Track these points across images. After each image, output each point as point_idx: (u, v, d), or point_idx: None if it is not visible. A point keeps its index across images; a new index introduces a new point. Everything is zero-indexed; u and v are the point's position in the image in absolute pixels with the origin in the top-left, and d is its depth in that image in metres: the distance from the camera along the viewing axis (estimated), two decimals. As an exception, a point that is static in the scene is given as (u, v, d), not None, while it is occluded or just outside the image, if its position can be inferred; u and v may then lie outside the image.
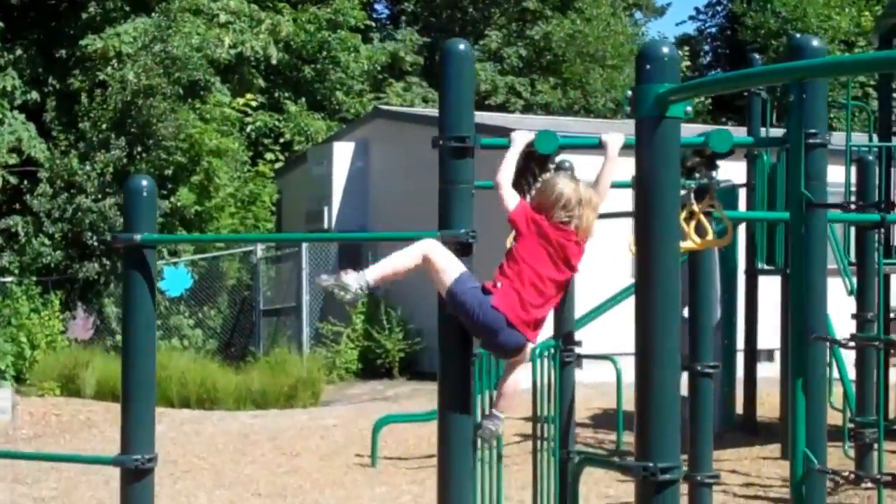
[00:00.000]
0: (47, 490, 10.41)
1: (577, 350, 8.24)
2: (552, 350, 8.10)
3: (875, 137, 13.11)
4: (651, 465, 3.92)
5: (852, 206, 8.46)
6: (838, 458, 10.15)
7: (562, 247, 5.17)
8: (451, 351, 5.14)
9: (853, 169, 10.91)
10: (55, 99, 22.75)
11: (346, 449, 12.43)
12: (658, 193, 3.97)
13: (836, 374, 10.98)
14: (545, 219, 5.18)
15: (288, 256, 21.68)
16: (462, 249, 5.06)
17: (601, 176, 5.37)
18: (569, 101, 29.93)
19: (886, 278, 9.20)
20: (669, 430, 3.96)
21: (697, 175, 5.86)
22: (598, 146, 5.39)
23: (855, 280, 10.48)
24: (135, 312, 5.27)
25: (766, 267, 12.64)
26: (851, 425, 10.58)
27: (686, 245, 6.61)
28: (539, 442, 8.06)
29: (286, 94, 28.43)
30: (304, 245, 20.36)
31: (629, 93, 4.07)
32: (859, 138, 14.67)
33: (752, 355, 13.05)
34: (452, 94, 5.13)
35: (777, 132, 12.34)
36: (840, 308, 9.92)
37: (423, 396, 17.02)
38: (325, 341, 19.64)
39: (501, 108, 30.03)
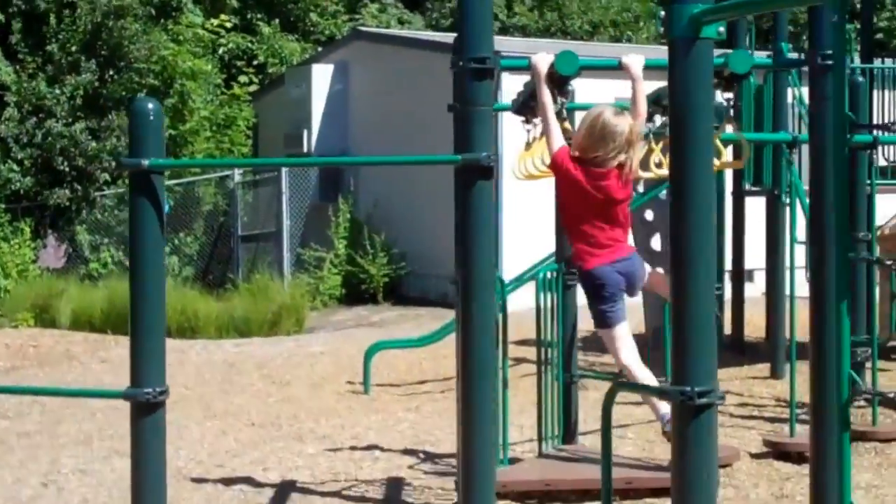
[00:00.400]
0: (31, 424, 10.24)
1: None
2: (554, 273, 7.98)
3: (857, 58, 13.01)
4: (688, 389, 3.85)
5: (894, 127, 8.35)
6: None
7: (600, 189, 5.09)
8: (470, 276, 4.97)
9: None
10: (21, 20, 22.23)
11: (336, 376, 12.29)
12: (692, 114, 3.88)
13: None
14: (583, 166, 5.10)
15: (267, 181, 21.42)
16: (482, 173, 4.86)
17: (636, 100, 5.23)
18: (545, 22, 29.59)
19: (869, 199, 9.15)
20: (706, 353, 3.89)
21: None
22: (618, 67, 5.21)
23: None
24: (143, 241, 5.09)
25: (752, 188, 12.51)
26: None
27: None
28: (542, 365, 7.96)
29: (259, 16, 27.98)
30: (284, 169, 20.11)
31: (662, 13, 3.92)
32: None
33: (740, 277, 12.98)
34: (472, 13, 4.94)
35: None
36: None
37: (410, 322, 16.91)
38: (307, 267, 19.44)
39: (477, 29, 29.63)
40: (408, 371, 12.53)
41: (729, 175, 13.04)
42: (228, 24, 26.25)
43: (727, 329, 12.96)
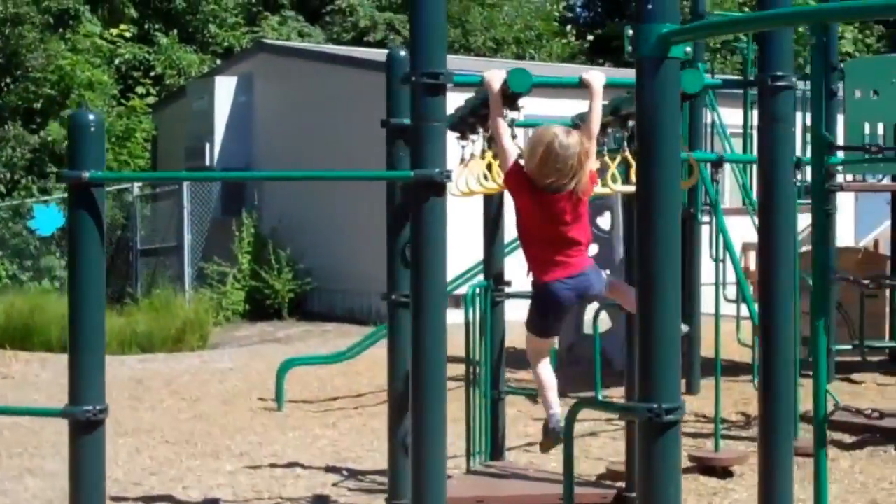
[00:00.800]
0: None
1: (507, 290, 8.13)
2: (483, 290, 7.95)
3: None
4: (655, 406, 3.82)
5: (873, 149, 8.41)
6: (751, 392, 10.16)
7: (552, 211, 5.08)
8: (422, 292, 4.92)
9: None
10: (-89, 28, 21.74)
11: (247, 393, 12.13)
12: (660, 134, 3.84)
13: (744, 312, 11.06)
14: (534, 189, 5.07)
15: (167, 194, 21.13)
16: (435, 189, 4.81)
17: (591, 118, 5.19)
18: (448, 39, 29.60)
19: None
20: (672, 370, 3.86)
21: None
22: (578, 86, 5.20)
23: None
24: (83, 256, 4.97)
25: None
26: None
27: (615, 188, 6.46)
28: (471, 382, 7.91)
29: (157, 26, 27.61)
30: (186, 183, 19.84)
31: (630, 31, 3.91)
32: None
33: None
34: (425, 28, 4.86)
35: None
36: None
37: (316, 338, 16.77)
38: (209, 282, 19.18)
39: (381, 44, 29.58)
40: (320, 388, 12.41)
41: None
42: (127, 34, 25.88)
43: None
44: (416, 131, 4.87)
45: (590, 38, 33.49)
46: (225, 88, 20.99)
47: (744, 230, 11.29)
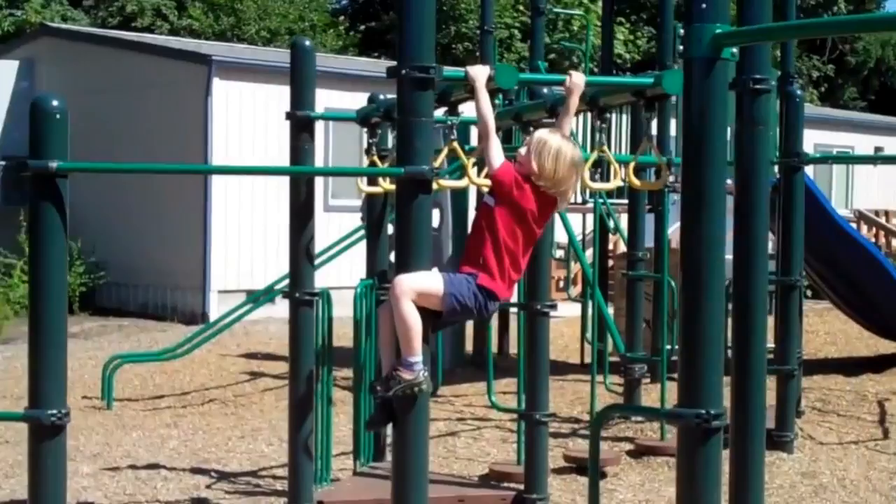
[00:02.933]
0: None
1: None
2: (368, 288, 7.85)
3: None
4: (704, 412, 3.84)
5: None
6: (599, 393, 10.35)
7: (540, 210, 4.99)
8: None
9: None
10: None
11: (69, 390, 11.59)
12: (709, 134, 3.86)
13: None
14: (532, 187, 4.95)
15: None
16: (423, 186, 4.72)
17: (564, 123, 5.16)
18: (220, 27, 29.12)
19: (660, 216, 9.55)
20: (717, 376, 3.89)
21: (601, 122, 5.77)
22: (561, 83, 5.17)
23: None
24: (45, 250, 4.70)
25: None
26: (613, 359, 10.93)
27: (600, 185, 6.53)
28: (359, 382, 7.79)
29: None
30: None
31: (682, 30, 3.93)
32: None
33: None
34: (413, 20, 4.72)
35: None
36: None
37: (114, 333, 16.25)
38: (-5, 274, 18.29)
39: (147, 30, 28.84)
40: (143, 386, 12.02)
41: (473, 190, 13.23)
42: None
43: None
44: (403, 126, 4.75)
45: (362, 28, 33.57)
46: (5, 73, 20.05)
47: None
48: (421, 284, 4.80)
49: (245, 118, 17.29)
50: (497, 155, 4.90)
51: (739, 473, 4.81)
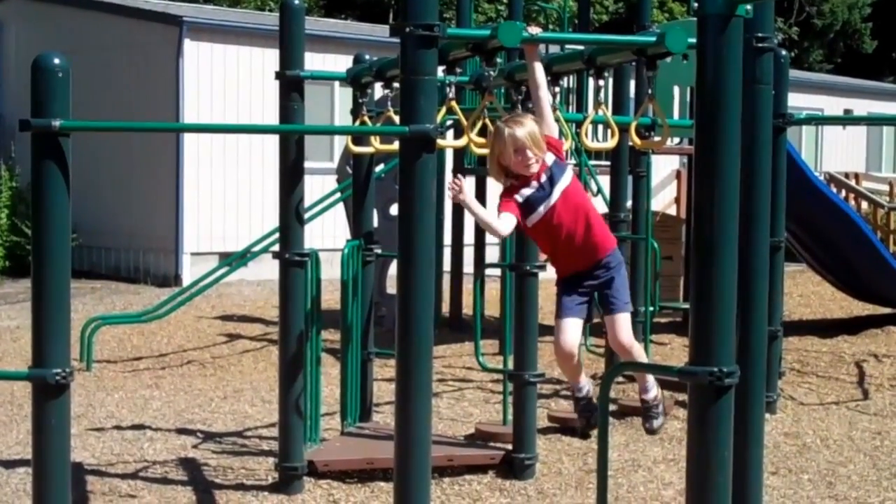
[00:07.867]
0: None
1: (376, 250, 8.04)
2: (355, 249, 7.85)
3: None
4: (716, 369, 3.87)
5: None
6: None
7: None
8: (412, 250, 4.81)
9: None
10: None
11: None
12: (723, 92, 3.86)
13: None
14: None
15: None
16: (427, 145, 4.71)
17: (543, 106, 5.31)
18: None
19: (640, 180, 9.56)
20: (729, 334, 3.93)
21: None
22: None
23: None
24: (48, 210, 4.70)
25: (469, 167, 12.71)
26: (596, 321, 10.94)
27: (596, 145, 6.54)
28: (346, 343, 7.79)
29: None
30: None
31: (696, -12, 3.92)
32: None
33: (459, 252, 13.16)
34: (418, -22, 4.71)
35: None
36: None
37: (88, 295, 16.17)
38: (-36, 238, 18.17)
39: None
40: (120, 347, 11.99)
41: (450, 152, 13.21)
42: None
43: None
44: (407, 85, 4.73)
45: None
46: (-29, 34, 19.85)
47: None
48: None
49: (216, 79, 17.18)
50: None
51: (739, 429, 4.85)
